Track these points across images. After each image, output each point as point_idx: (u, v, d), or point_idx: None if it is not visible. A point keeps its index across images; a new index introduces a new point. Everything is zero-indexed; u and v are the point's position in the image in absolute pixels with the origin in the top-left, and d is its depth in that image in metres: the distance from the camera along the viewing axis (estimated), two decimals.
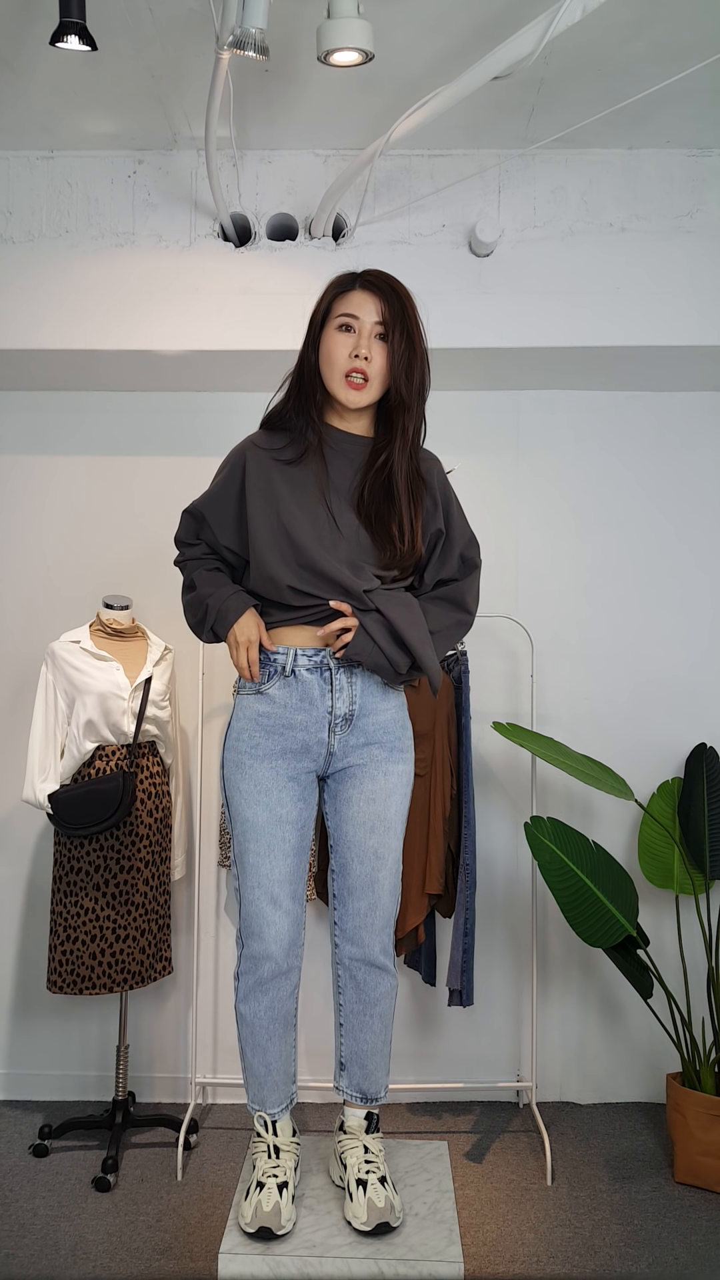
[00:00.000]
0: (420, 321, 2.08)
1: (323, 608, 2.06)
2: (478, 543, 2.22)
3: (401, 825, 2.13)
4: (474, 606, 2.21)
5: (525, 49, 2.29)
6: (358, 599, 2.04)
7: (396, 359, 2.04)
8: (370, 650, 2.02)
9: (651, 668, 3.52)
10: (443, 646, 2.13)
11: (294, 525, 2.04)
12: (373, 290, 2.06)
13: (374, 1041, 2.14)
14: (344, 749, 2.09)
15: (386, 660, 2.03)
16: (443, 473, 2.18)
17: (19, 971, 3.51)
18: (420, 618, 2.08)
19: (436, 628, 2.12)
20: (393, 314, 2.04)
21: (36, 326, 3.15)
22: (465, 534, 2.19)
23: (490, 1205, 2.84)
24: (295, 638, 2.09)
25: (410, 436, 2.09)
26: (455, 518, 2.17)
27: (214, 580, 2.17)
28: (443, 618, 2.15)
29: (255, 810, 2.08)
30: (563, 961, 3.49)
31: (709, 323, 3.11)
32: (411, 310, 2.06)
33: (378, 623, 2.02)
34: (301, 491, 2.08)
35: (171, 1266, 2.55)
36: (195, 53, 2.70)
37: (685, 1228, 2.75)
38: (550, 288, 3.14)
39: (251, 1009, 2.10)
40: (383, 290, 2.05)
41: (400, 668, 2.04)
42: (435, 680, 2.07)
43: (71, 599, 3.50)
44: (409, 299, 2.07)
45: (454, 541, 2.17)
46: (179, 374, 3.37)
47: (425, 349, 2.09)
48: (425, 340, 2.09)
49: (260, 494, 2.09)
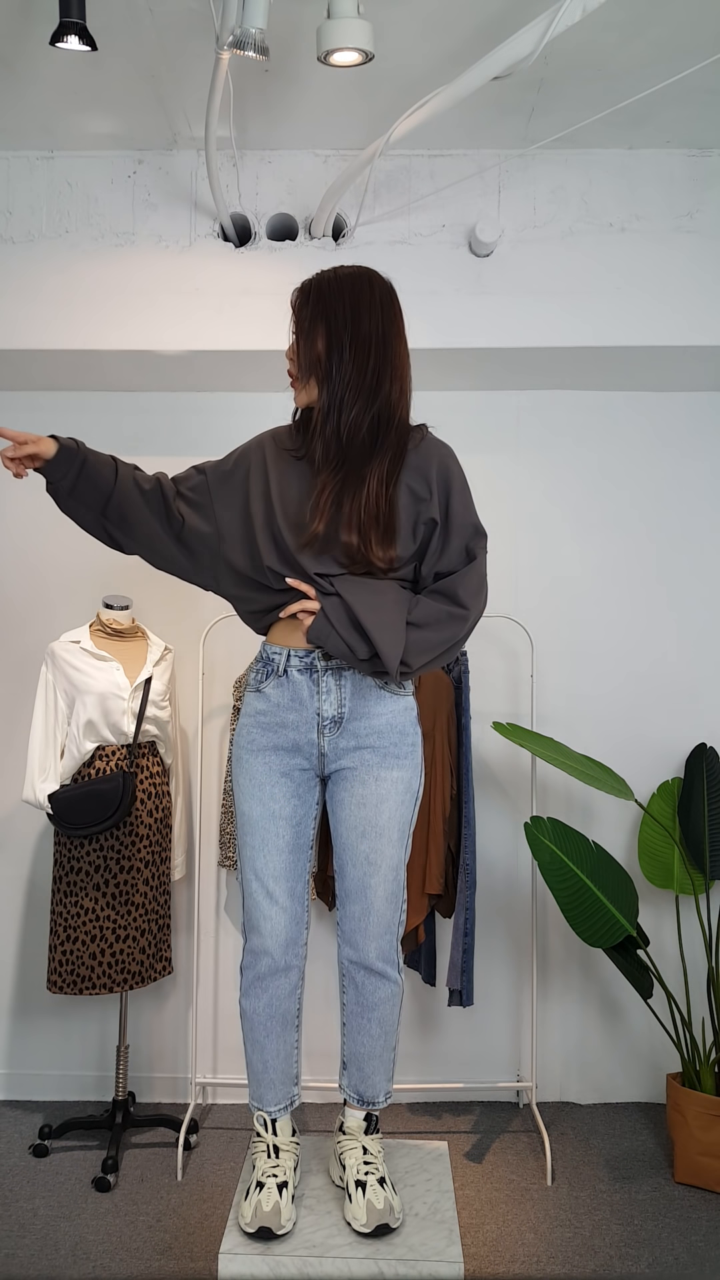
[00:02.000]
0: (308, 310, 2.05)
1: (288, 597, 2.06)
2: (485, 533, 2.12)
3: (398, 832, 2.09)
4: (469, 600, 2.07)
5: (525, 49, 2.29)
6: (312, 582, 2.02)
7: (302, 351, 2.07)
8: (327, 633, 1.99)
9: (651, 667, 3.52)
10: (429, 640, 2.04)
11: (279, 509, 2.06)
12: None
13: (372, 1046, 2.13)
14: (335, 751, 2.09)
15: (345, 645, 1.98)
16: (447, 462, 2.10)
17: (19, 971, 3.51)
18: (388, 604, 2.01)
19: (421, 620, 2.03)
20: (295, 312, 2.09)
21: (37, 326, 3.15)
22: (468, 525, 2.09)
23: (490, 1205, 2.84)
24: (290, 638, 2.10)
25: (337, 431, 2.04)
26: (457, 508, 2.08)
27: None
28: (430, 611, 2.04)
29: (250, 805, 2.10)
30: (563, 961, 3.49)
31: (708, 323, 3.11)
32: (300, 304, 2.07)
33: (336, 606, 1.99)
34: (298, 480, 2.08)
35: (171, 1266, 2.55)
36: (195, 53, 2.70)
37: (685, 1228, 2.75)
38: (550, 288, 3.14)
39: (251, 1004, 2.10)
40: (297, 293, 2.11)
41: (359, 653, 1.98)
42: (390, 665, 1.97)
43: (71, 599, 3.50)
44: (309, 289, 2.07)
45: (453, 532, 2.07)
46: (179, 374, 3.37)
47: (323, 335, 2.03)
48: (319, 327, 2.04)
49: (261, 481, 2.11)
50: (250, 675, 2.17)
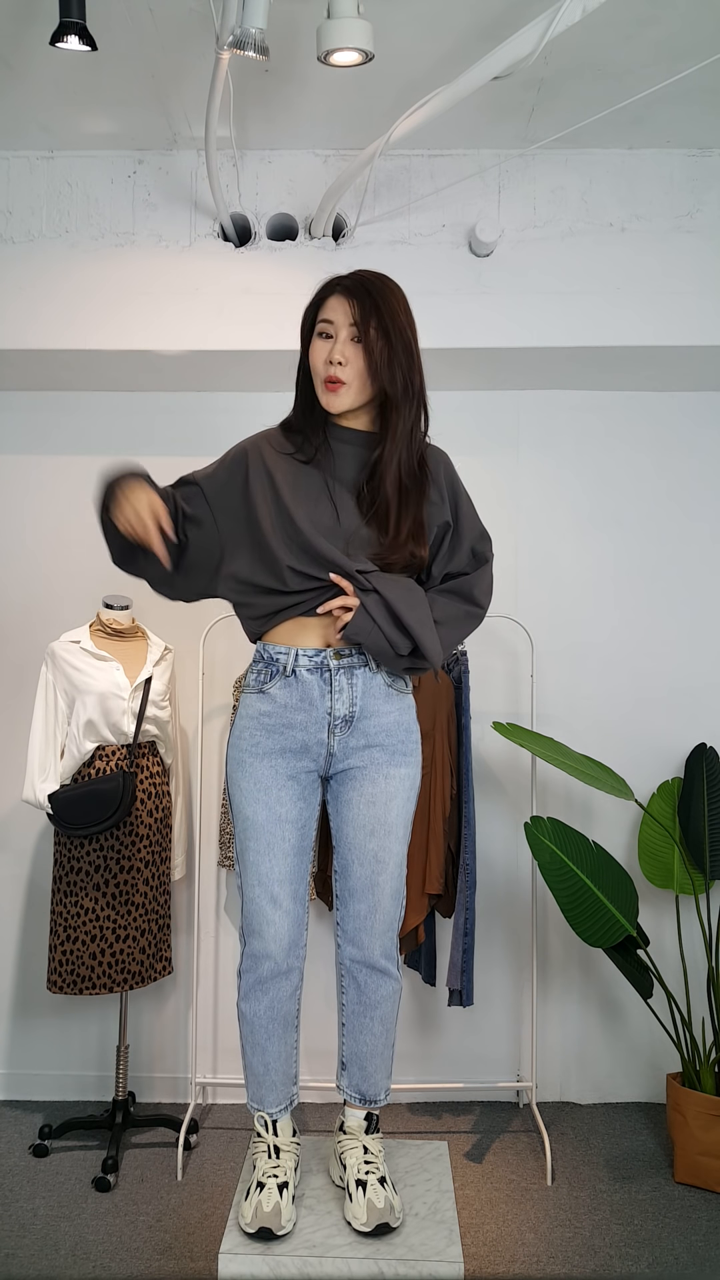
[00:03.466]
0: (401, 316, 2.04)
1: (321, 595, 2.06)
2: (490, 537, 2.22)
3: (404, 829, 2.11)
4: (484, 599, 2.20)
5: (525, 49, 2.29)
6: (354, 580, 2.04)
7: (376, 358, 2.03)
8: (370, 630, 2.01)
9: (652, 667, 3.52)
10: (450, 637, 2.13)
11: (295, 510, 2.05)
12: (345, 293, 2.05)
13: (373, 1044, 2.13)
14: (344, 750, 2.09)
15: (386, 641, 2.01)
16: (450, 467, 2.17)
17: (19, 971, 3.51)
18: (421, 601, 2.07)
19: (442, 618, 2.11)
20: (364, 314, 2.03)
21: (36, 326, 3.15)
22: (475, 528, 2.19)
23: (490, 1205, 2.84)
24: (298, 637, 2.09)
25: (400, 434, 2.06)
26: (465, 511, 2.17)
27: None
28: (449, 609, 2.14)
29: (255, 809, 2.08)
30: (563, 961, 3.49)
31: (709, 323, 3.11)
32: (388, 307, 2.04)
33: (377, 603, 2.02)
34: (307, 481, 2.09)
35: (171, 1266, 2.55)
36: (195, 53, 2.70)
37: (685, 1228, 2.75)
38: (550, 288, 3.14)
39: (251, 1008, 2.10)
40: (355, 292, 2.04)
41: (400, 649, 2.03)
42: (435, 662, 2.07)
43: (71, 599, 3.50)
44: (386, 296, 2.04)
45: (463, 535, 2.16)
46: (179, 374, 3.37)
47: (409, 344, 2.05)
48: (409, 335, 2.05)
49: (264, 483, 2.10)
50: (249, 677, 2.15)
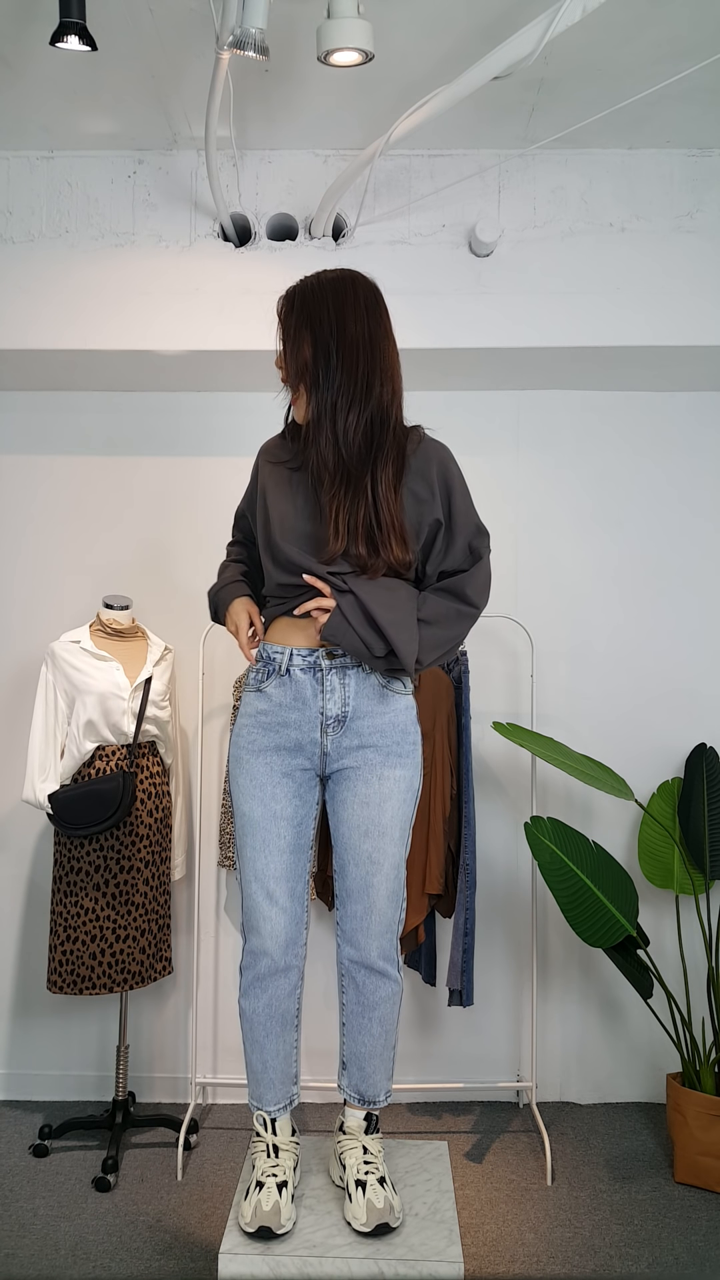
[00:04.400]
0: (326, 309, 2.02)
1: (300, 596, 2.08)
2: (487, 532, 2.16)
3: (401, 830, 2.10)
4: (477, 598, 2.13)
5: (525, 49, 2.29)
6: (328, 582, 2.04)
7: (291, 354, 2.06)
8: (344, 630, 2.01)
9: (651, 667, 3.52)
10: (440, 637, 2.09)
11: (273, 515, 2.11)
12: (281, 300, 2.12)
13: (373, 1045, 2.13)
14: (338, 750, 2.09)
15: (360, 641, 2.00)
16: (446, 462, 2.12)
17: (19, 971, 3.51)
18: (402, 602, 2.05)
19: (432, 618, 2.08)
20: (286, 316, 2.08)
21: (36, 326, 3.15)
22: (471, 524, 2.13)
23: (490, 1205, 2.84)
24: (292, 637, 2.10)
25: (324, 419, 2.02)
26: (459, 507, 2.11)
27: (224, 572, 2.32)
28: (440, 608, 2.09)
29: (251, 805, 2.10)
30: (563, 961, 3.49)
31: (709, 323, 3.11)
32: (306, 301, 2.05)
33: (352, 604, 2.01)
34: (293, 488, 2.11)
35: (171, 1266, 2.55)
36: (195, 53, 2.70)
37: (685, 1228, 2.75)
38: (550, 288, 3.14)
39: (251, 1005, 2.10)
40: (284, 297, 2.11)
41: (376, 650, 2.01)
42: (407, 663, 2.02)
43: (71, 599, 3.50)
44: (312, 290, 2.06)
45: (456, 531, 2.11)
46: (179, 374, 3.37)
47: (333, 329, 2.01)
48: (334, 321, 2.02)
49: (261, 493, 2.18)
50: (249, 675, 2.18)
